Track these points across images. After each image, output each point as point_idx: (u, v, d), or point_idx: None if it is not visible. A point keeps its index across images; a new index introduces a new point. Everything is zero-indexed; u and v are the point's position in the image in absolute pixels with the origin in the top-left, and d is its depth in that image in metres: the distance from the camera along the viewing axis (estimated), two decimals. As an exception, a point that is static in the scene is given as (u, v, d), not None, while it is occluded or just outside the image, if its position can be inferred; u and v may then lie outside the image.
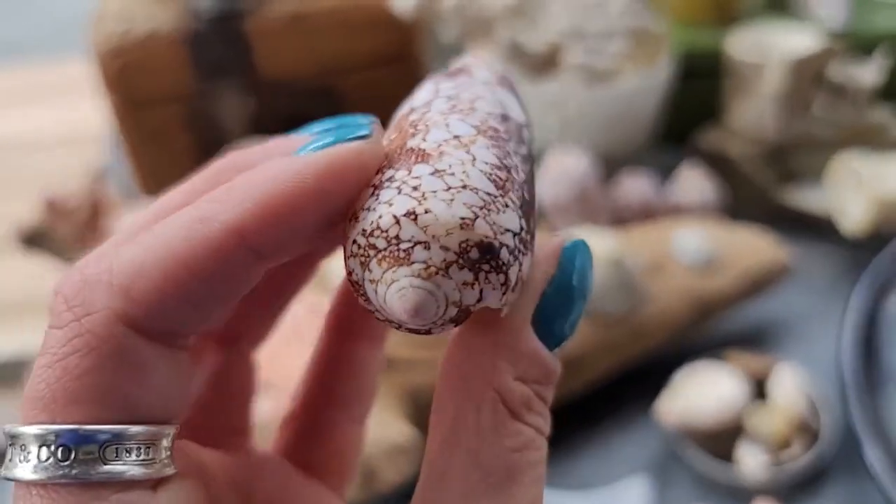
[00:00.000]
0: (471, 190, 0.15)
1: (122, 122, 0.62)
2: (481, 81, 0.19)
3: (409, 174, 0.16)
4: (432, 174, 0.16)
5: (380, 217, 0.15)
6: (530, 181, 0.18)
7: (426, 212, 0.15)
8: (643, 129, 0.62)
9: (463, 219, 0.15)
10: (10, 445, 0.14)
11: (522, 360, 0.15)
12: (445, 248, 0.15)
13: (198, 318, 0.15)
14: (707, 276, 0.51)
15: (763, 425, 0.47)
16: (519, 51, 0.58)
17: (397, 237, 0.15)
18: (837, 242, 0.59)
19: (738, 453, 0.47)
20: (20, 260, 0.58)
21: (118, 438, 0.14)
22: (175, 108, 0.62)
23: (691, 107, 0.65)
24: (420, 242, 0.15)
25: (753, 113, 0.60)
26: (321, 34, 0.61)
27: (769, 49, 0.60)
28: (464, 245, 0.15)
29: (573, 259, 0.16)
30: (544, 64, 0.59)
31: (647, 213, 0.57)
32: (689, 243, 0.52)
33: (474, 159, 0.16)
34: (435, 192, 0.15)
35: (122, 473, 0.14)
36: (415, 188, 0.15)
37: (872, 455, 0.43)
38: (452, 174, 0.16)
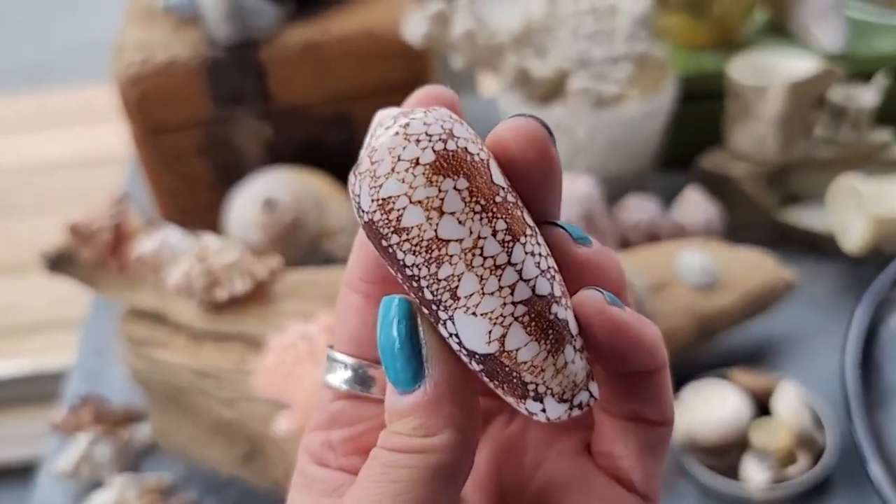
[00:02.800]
0: None
1: (142, 148, 0.64)
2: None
3: None
4: None
5: None
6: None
7: None
8: (648, 152, 0.63)
9: None
10: (330, 360, 0.21)
11: (386, 413, 0.19)
12: None
13: None
14: (711, 296, 0.52)
15: (767, 441, 0.47)
16: (527, 77, 0.59)
17: None
18: (839, 261, 0.60)
19: (742, 468, 0.48)
20: (44, 281, 0.59)
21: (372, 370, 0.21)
22: (193, 134, 0.64)
23: (694, 130, 0.66)
24: None
25: (755, 135, 0.61)
26: (334, 62, 0.63)
27: (770, 73, 0.61)
28: None
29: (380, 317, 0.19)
30: (551, 90, 0.60)
31: (651, 235, 0.58)
32: (692, 263, 0.53)
33: None
34: None
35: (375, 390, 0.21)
36: None
37: (875, 470, 0.43)
38: None
